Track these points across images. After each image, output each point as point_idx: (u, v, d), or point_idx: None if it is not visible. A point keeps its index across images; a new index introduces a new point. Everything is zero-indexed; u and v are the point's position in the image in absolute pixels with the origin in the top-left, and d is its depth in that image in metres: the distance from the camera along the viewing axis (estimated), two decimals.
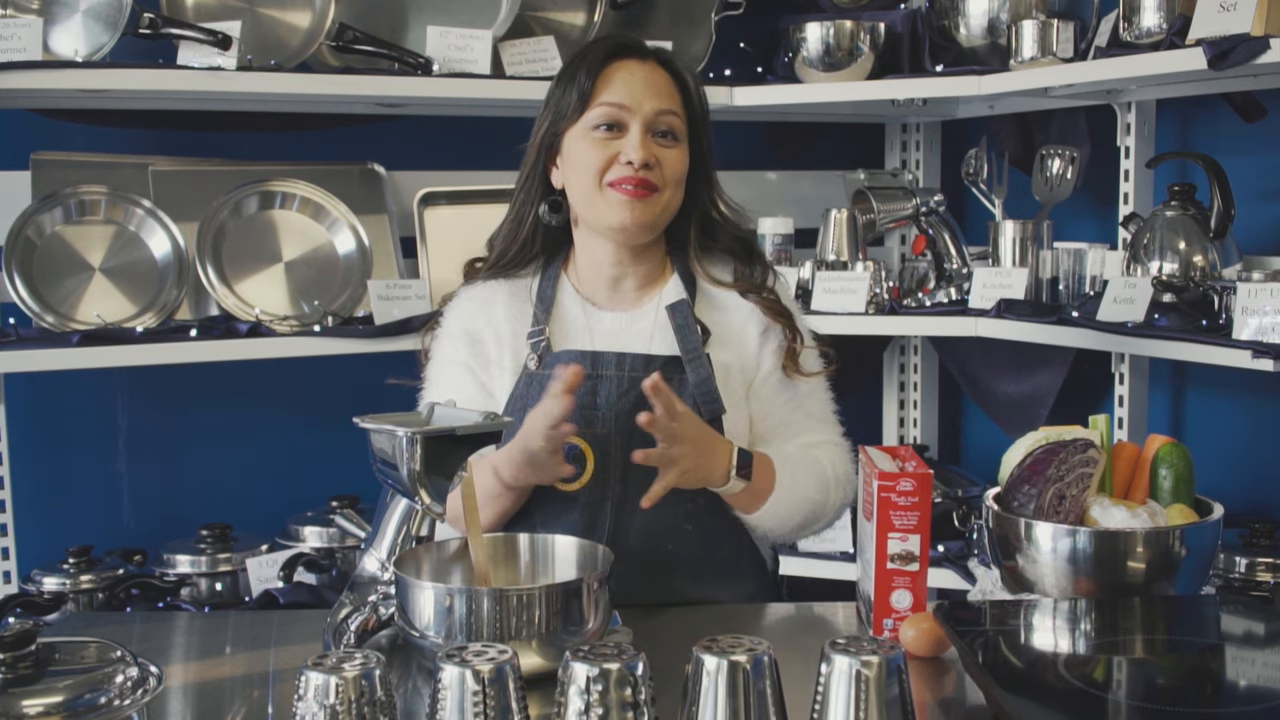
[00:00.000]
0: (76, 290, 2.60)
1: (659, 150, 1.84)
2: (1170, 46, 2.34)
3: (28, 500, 2.70)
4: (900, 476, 1.62)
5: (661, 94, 1.85)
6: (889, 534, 1.63)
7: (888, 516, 1.62)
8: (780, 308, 1.93)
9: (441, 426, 1.55)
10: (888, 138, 3.44)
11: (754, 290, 1.93)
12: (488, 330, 1.91)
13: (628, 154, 1.82)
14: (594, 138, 1.84)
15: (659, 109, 1.84)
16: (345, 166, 2.94)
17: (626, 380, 1.82)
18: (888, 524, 1.63)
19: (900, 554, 1.63)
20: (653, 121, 1.84)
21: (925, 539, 1.62)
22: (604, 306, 1.92)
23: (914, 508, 1.62)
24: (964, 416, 3.53)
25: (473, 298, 1.95)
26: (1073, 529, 1.63)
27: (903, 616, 1.63)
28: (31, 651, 1.22)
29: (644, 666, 1.19)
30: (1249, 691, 1.43)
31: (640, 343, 1.88)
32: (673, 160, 1.86)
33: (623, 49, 1.88)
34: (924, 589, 1.64)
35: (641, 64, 1.87)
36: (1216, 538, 1.69)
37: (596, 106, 1.84)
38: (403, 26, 2.86)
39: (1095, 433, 1.73)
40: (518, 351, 1.89)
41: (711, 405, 1.83)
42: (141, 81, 2.49)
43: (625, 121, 1.83)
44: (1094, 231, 2.97)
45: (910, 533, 1.63)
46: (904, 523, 1.62)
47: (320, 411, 2.92)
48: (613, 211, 1.84)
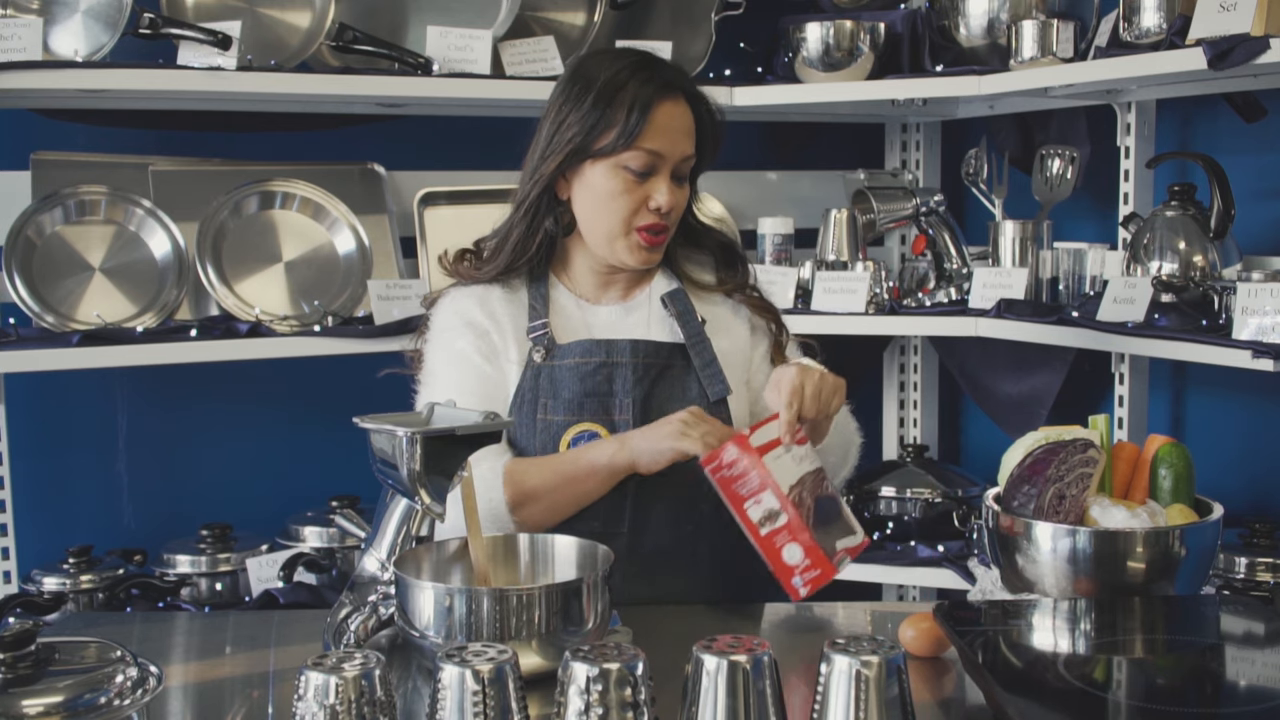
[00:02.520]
0: (76, 290, 2.60)
1: (676, 193, 1.87)
2: (1170, 46, 2.34)
3: (28, 500, 2.70)
4: (717, 454, 1.64)
5: (689, 138, 1.87)
6: (744, 505, 1.64)
7: (732, 491, 1.64)
8: (766, 304, 1.99)
9: (441, 426, 1.55)
10: (888, 138, 3.43)
11: (738, 289, 1.98)
12: (490, 323, 1.91)
13: (656, 200, 1.84)
14: (624, 178, 1.84)
15: (685, 155, 1.87)
16: (345, 166, 2.94)
17: (641, 367, 1.86)
18: (736, 498, 1.64)
19: (763, 516, 1.63)
20: (678, 168, 1.87)
21: (775, 490, 1.62)
22: (597, 301, 1.95)
23: (745, 471, 1.63)
24: (964, 416, 3.53)
25: (469, 294, 1.93)
26: (1073, 529, 1.63)
27: (806, 569, 1.62)
28: (31, 651, 1.22)
29: (644, 666, 1.19)
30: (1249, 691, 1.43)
31: (639, 331, 1.92)
32: (681, 200, 1.90)
33: (667, 88, 1.85)
34: (805, 533, 1.62)
35: (676, 105, 1.86)
36: (1216, 538, 1.69)
37: (638, 150, 1.82)
38: (403, 26, 2.86)
39: (1095, 433, 1.73)
40: (521, 344, 1.90)
41: (718, 386, 1.88)
42: (141, 81, 2.49)
43: (658, 168, 1.85)
44: (1094, 231, 2.97)
45: (758, 493, 1.63)
46: (747, 488, 1.63)
47: (320, 411, 2.93)
48: (631, 255, 1.88)
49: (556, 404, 1.84)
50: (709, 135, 1.91)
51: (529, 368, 1.88)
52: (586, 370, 1.85)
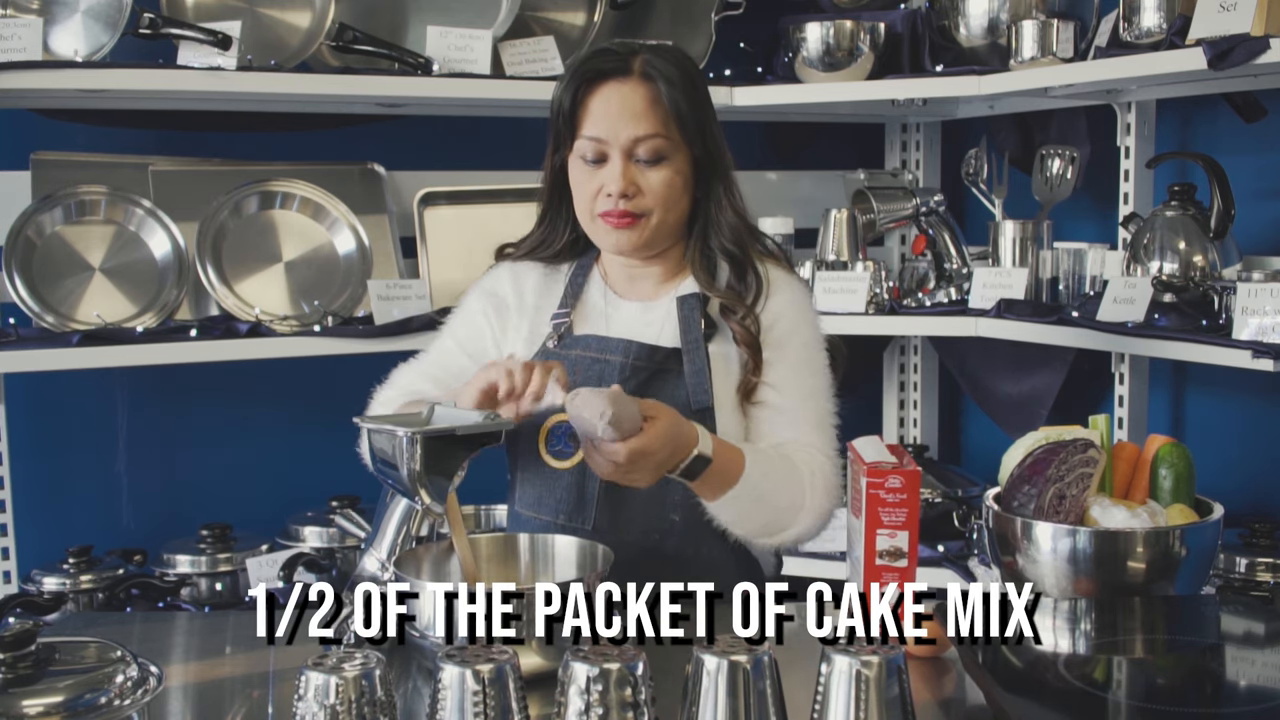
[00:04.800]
0: (76, 290, 2.60)
1: (642, 176, 1.82)
2: (1170, 46, 2.34)
3: (28, 500, 2.70)
4: (889, 473, 1.61)
5: (640, 118, 1.80)
6: (877, 530, 1.62)
7: (876, 513, 1.62)
8: (750, 339, 1.85)
9: (441, 426, 1.55)
10: (888, 138, 3.43)
11: (732, 311, 1.87)
12: (513, 299, 1.96)
13: (606, 186, 1.82)
14: (580, 165, 1.85)
15: (635, 137, 1.80)
16: (345, 166, 2.94)
17: (630, 368, 1.85)
18: (876, 520, 1.62)
19: (889, 550, 1.62)
20: (631, 150, 1.81)
21: (914, 536, 1.62)
22: (625, 295, 1.94)
23: (902, 504, 1.61)
24: (964, 416, 3.53)
25: (510, 269, 2.00)
26: (1073, 529, 1.63)
27: None
28: (31, 651, 1.22)
29: (644, 666, 1.19)
30: (1249, 691, 1.43)
31: (652, 332, 1.90)
32: (658, 182, 1.82)
33: (598, 73, 1.82)
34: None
35: (621, 84, 1.81)
36: (1216, 538, 1.69)
37: (580, 139, 1.83)
38: (403, 26, 2.86)
39: (1095, 433, 1.73)
40: (537, 326, 1.93)
41: (701, 396, 1.83)
42: (141, 81, 2.49)
43: (606, 152, 1.82)
44: (1094, 231, 2.97)
45: (898, 529, 1.62)
46: (892, 519, 1.62)
47: (320, 411, 2.92)
48: (604, 238, 1.88)
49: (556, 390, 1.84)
50: (681, 109, 1.81)
51: (540, 351, 1.90)
52: (583, 364, 1.86)
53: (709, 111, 1.88)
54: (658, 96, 1.81)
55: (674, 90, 1.81)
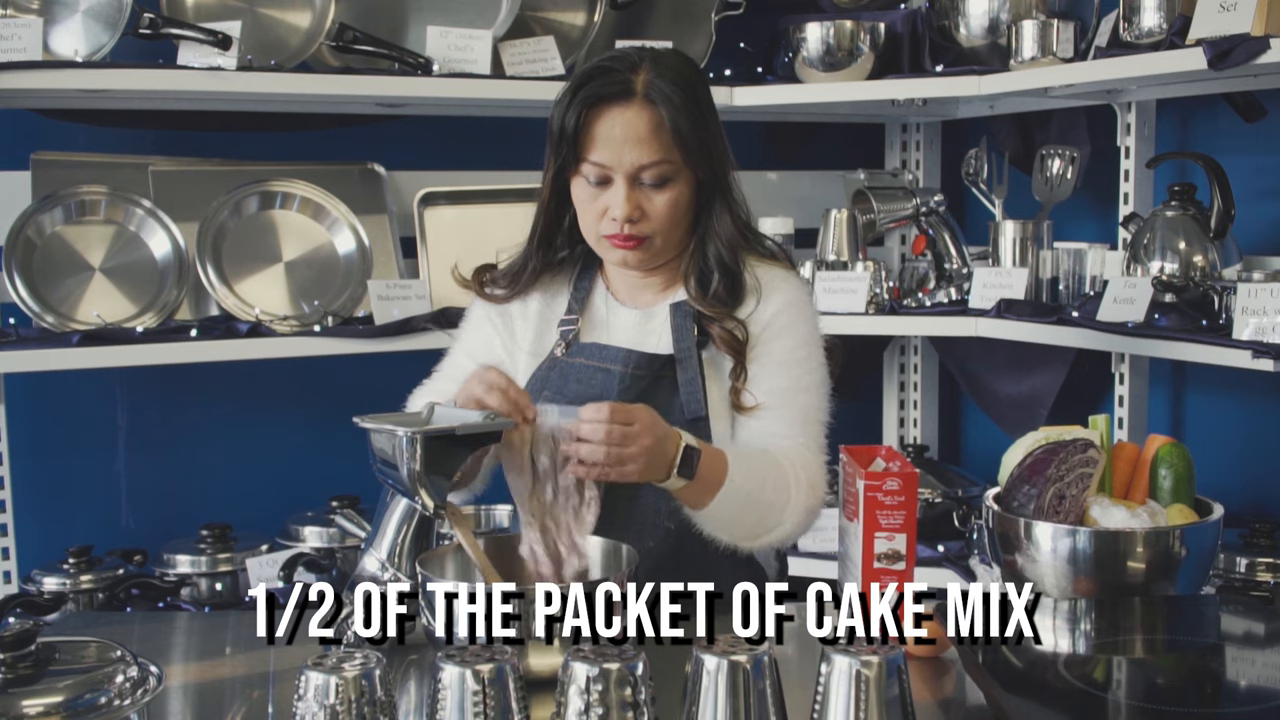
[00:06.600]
0: (76, 290, 2.60)
1: (646, 200, 1.82)
2: (1170, 46, 2.34)
3: (28, 500, 2.70)
4: (886, 475, 1.61)
5: (644, 145, 1.79)
6: (875, 533, 1.62)
7: (874, 516, 1.62)
8: (734, 344, 1.85)
9: (441, 426, 1.55)
10: (888, 138, 3.44)
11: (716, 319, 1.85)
12: (517, 307, 1.96)
13: (612, 211, 1.81)
14: (585, 187, 1.84)
15: (639, 164, 1.79)
16: (345, 166, 2.94)
17: (629, 377, 1.84)
18: (874, 523, 1.62)
19: (887, 553, 1.62)
20: (636, 175, 1.81)
21: (911, 539, 1.62)
22: (626, 302, 1.94)
23: (900, 507, 1.61)
24: (964, 416, 3.53)
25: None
26: (1073, 529, 1.63)
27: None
28: (31, 651, 1.22)
29: (644, 666, 1.20)
30: (1249, 691, 1.43)
31: (651, 341, 1.89)
32: (662, 204, 1.82)
33: (600, 98, 1.80)
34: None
35: (624, 110, 1.79)
36: (1216, 538, 1.69)
37: (584, 163, 1.82)
38: (403, 26, 2.86)
39: (1095, 433, 1.73)
40: (542, 335, 1.93)
41: (694, 406, 1.83)
42: (141, 81, 2.49)
43: (610, 177, 1.81)
44: (1094, 231, 2.97)
45: (897, 532, 1.62)
46: (890, 522, 1.62)
47: (320, 411, 2.92)
48: (610, 256, 1.88)
49: (556, 398, 1.84)
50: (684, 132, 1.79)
51: (548, 359, 1.91)
52: (587, 372, 1.86)
53: (712, 127, 1.86)
54: (661, 121, 1.80)
55: (677, 114, 1.80)
